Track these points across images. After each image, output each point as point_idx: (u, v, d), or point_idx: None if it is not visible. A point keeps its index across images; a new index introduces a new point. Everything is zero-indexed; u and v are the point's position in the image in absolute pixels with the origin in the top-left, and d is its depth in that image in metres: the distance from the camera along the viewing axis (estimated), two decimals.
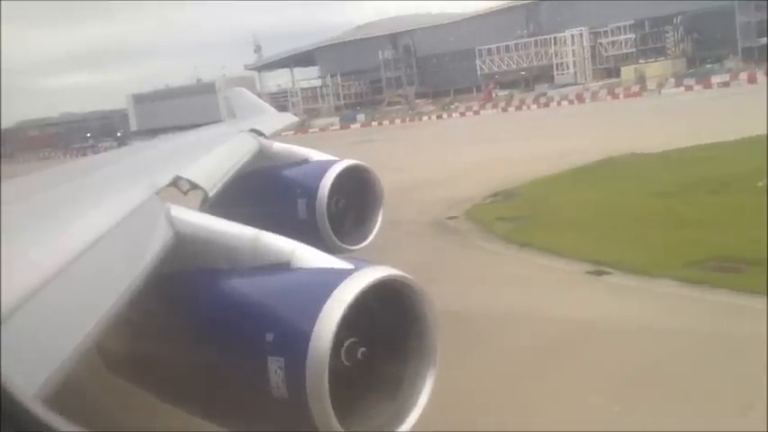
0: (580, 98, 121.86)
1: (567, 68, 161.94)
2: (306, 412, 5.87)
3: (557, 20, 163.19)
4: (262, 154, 13.59)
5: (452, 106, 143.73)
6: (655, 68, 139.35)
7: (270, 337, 6.09)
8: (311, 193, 13.05)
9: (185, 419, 7.40)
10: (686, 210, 25.14)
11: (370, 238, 13.90)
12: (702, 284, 17.38)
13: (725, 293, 16.69)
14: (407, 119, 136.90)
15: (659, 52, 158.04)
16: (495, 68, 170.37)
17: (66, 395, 4.05)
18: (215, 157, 11.54)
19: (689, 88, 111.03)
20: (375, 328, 6.57)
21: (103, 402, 9.60)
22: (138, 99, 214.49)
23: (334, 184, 13.10)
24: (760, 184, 27.22)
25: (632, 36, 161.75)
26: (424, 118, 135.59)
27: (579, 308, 17.13)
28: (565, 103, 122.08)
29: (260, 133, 14.59)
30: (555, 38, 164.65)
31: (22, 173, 11.98)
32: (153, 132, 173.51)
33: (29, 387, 3.39)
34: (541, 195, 32.10)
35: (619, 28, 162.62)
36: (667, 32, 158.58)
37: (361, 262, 6.64)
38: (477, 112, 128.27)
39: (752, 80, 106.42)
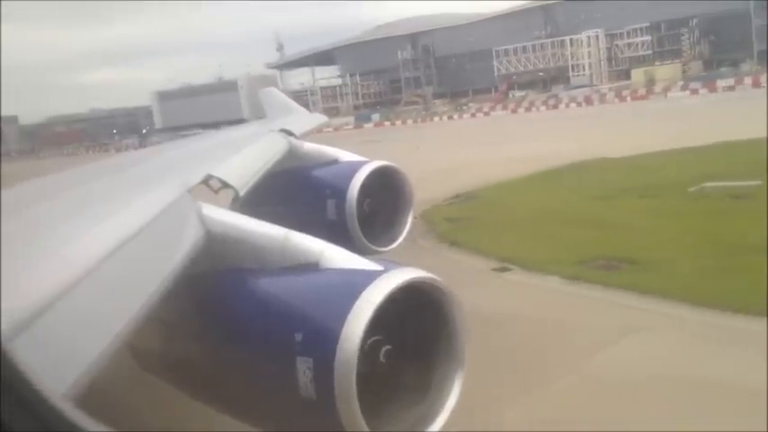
0: (588, 101, 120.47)
1: (583, 70, 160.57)
2: (333, 413, 5.77)
3: (575, 21, 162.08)
4: (292, 154, 13.48)
5: (465, 107, 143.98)
6: (664, 71, 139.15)
7: (299, 337, 6.00)
8: (341, 193, 12.88)
9: (213, 419, 7.64)
10: (609, 213, 26.82)
11: (400, 239, 13.75)
12: (581, 280, 18.94)
13: (598, 289, 18.27)
14: (420, 119, 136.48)
15: (675, 54, 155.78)
16: (513, 69, 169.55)
17: (97, 394, 3.97)
18: (246, 156, 11.44)
19: (694, 92, 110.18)
20: (403, 329, 6.42)
21: (135, 401, 9.60)
22: (163, 96, 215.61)
23: (364, 185, 12.92)
24: (691, 189, 28.75)
25: (648, 38, 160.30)
26: (436, 118, 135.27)
27: (468, 299, 18.39)
28: (573, 105, 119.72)
29: (290, 133, 14.46)
30: (571, 39, 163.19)
31: (45, 169, 12.00)
32: (177, 129, 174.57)
33: (59, 386, 3.29)
34: (498, 197, 33.81)
35: (635, 30, 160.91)
36: (683, 35, 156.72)
37: (391, 263, 6.51)
38: (487, 114, 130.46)
39: (756, 84, 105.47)
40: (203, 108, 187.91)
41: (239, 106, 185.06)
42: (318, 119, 22.35)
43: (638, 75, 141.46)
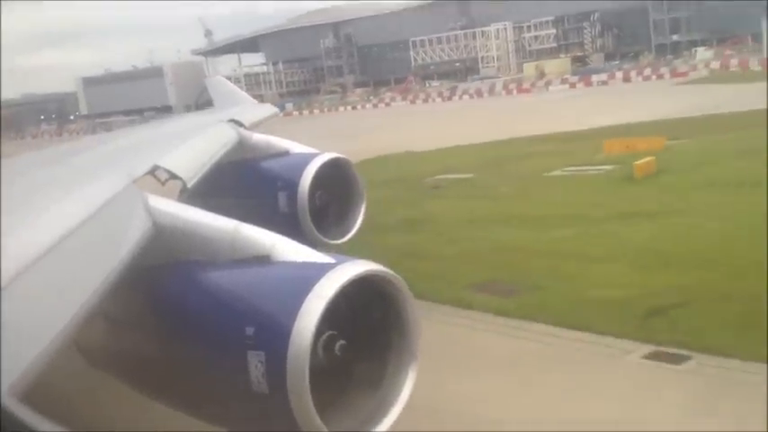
0: (479, 93, 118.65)
1: (492, 62, 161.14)
2: (286, 406, 5.47)
3: (489, 14, 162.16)
4: (241, 145, 12.85)
5: (371, 97, 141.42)
6: (553, 65, 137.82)
7: (250, 331, 5.68)
8: (292, 185, 12.38)
9: (164, 415, 7.18)
10: None
11: (353, 232, 13.24)
12: None
13: None
14: (326, 109, 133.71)
15: (578, 47, 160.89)
16: (429, 60, 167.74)
17: (43, 391, 3.71)
18: (194, 146, 10.88)
19: (573, 86, 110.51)
20: (356, 322, 6.11)
21: (82, 397, 9.11)
22: (88, 82, 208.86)
23: (316, 178, 12.44)
24: (425, 180, 32.32)
25: (553, 31, 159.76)
26: (341, 108, 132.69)
27: None
28: (466, 97, 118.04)
29: (239, 124, 13.86)
30: (481, 31, 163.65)
31: None
32: (102, 116, 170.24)
33: (1, 382, 3.05)
34: None
35: (541, 23, 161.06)
36: (585, 28, 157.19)
37: (343, 257, 6.22)
38: (388, 104, 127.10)
39: (626, 79, 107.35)
40: (129, 94, 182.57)
41: (165, 93, 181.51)
42: (268, 109, 21.25)
43: (529, 68, 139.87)
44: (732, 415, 10.58)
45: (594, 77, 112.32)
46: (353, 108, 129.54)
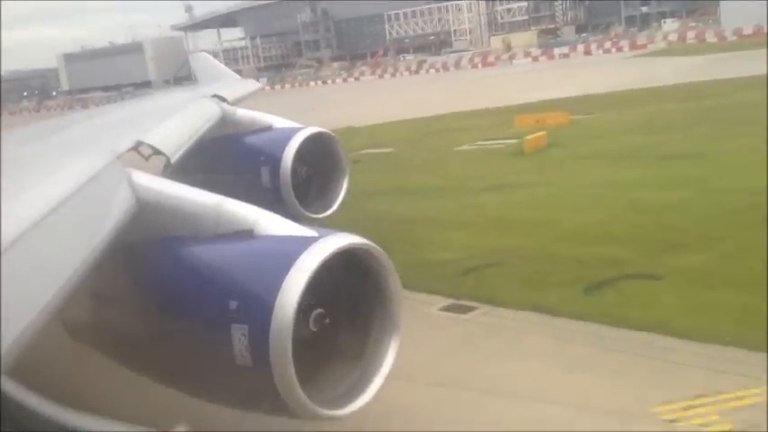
0: (445, 67, 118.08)
1: (465, 35, 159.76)
2: (269, 379, 5.44)
3: None
4: (225, 120, 12.54)
5: (342, 72, 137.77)
6: (520, 38, 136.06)
7: (234, 304, 5.63)
8: (275, 160, 12.16)
9: (148, 389, 7.10)
10: None
11: (335, 206, 13.10)
12: None
13: None
14: (297, 84, 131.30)
15: (550, 20, 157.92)
16: (403, 33, 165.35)
17: (29, 365, 3.58)
18: (177, 122, 10.60)
19: (536, 59, 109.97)
20: (338, 295, 6.11)
21: (67, 370, 8.95)
22: (69, 58, 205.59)
23: (299, 152, 12.23)
24: (351, 154, 33.81)
25: (525, 4, 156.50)
26: (312, 83, 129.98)
27: None
28: (432, 71, 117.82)
29: (222, 99, 13.58)
30: (454, 5, 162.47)
31: None
32: (83, 91, 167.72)
33: None
34: None
35: None
36: (556, 1, 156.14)
37: (325, 230, 6.17)
38: (357, 79, 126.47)
39: (587, 52, 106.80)
40: (110, 70, 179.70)
41: (145, 68, 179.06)
42: (251, 85, 20.97)
43: (496, 42, 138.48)
44: (484, 350, 12.18)
45: (556, 51, 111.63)
46: (324, 83, 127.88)
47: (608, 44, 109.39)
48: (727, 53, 69.24)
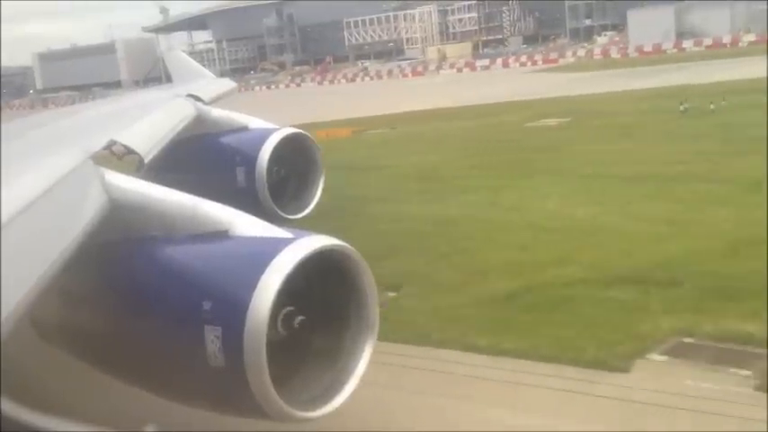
0: (379, 75, 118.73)
1: (416, 43, 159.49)
2: (243, 381, 5.27)
3: None
4: (200, 120, 11.97)
5: (288, 78, 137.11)
6: (453, 49, 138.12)
7: (207, 305, 5.42)
8: (251, 160, 11.65)
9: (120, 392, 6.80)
10: None
11: (311, 207, 12.58)
12: None
13: None
14: (242, 88, 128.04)
15: (498, 30, 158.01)
16: (361, 40, 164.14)
17: None
18: (151, 121, 10.05)
19: (459, 70, 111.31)
20: (314, 297, 5.87)
21: (35, 371, 8.56)
22: (44, 57, 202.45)
23: (274, 153, 11.73)
24: None
25: (475, 15, 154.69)
26: (256, 88, 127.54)
27: None
28: (367, 78, 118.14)
29: (198, 98, 12.99)
30: (404, 14, 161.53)
31: None
32: (55, 90, 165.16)
33: None
34: None
35: (464, 6, 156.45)
36: (504, 12, 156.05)
37: (301, 231, 5.92)
38: (298, 85, 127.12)
39: (506, 65, 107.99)
40: (82, 70, 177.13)
41: (117, 69, 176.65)
42: (227, 84, 20.19)
43: (432, 52, 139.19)
44: None
45: (478, 63, 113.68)
46: (268, 87, 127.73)
47: (523, 58, 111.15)
48: (607, 71, 73.21)
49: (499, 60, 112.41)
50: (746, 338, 10.55)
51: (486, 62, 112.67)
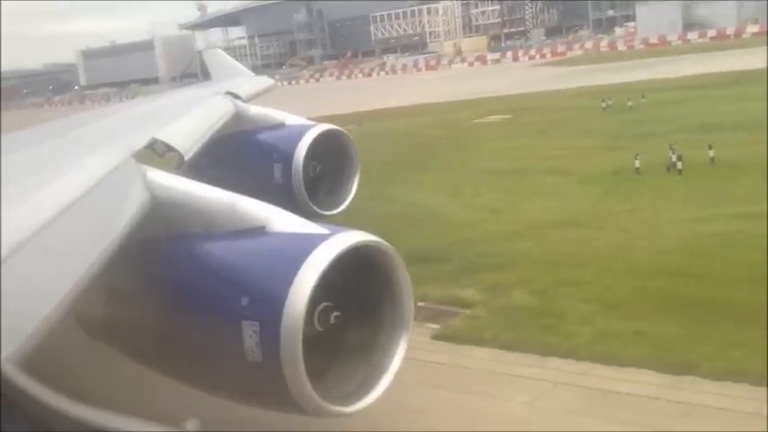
0: (394, 70, 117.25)
1: (438, 37, 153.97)
2: (279, 376, 5.27)
3: None
4: (238, 117, 11.94)
5: (310, 73, 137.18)
6: (469, 43, 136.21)
7: (245, 301, 5.44)
8: (287, 157, 11.60)
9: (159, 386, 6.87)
10: None
11: (346, 203, 12.52)
12: None
13: None
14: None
15: (520, 23, 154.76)
16: (387, 34, 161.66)
17: (43, 360, 3.37)
18: (191, 119, 10.03)
19: (470, 64, 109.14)
20: (349, 292, 5.83)
21: (80, 366, 8.66)
22: (87, 55, 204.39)
23: (311, 149, 11.64)
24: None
25: (498, 7, 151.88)
26: (278, 84, 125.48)
27: None
28: (383, 73, 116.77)
29: (236, 96, 12.94)
30: (429, 8, 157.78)
31: None
32: (95, 87, 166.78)
33: (2, 351, 2.85)
34: None
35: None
36: (527, 5, 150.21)
37: (337, 227, 5.89)
38: (317, 80, 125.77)
39: (515, 58, 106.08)
40: (123, 66, 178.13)
41: (155, 65, 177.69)
42: (265, 81, 20.03)
43: (448, 46, 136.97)
44: None
45: (489, 56, 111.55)
46: (289, 83, 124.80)
47: (533, 51, 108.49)
48: (597, 64, 71.77)
49: (509, 54, 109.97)
50: (461, 302, 12.94)
51: (497, 56, 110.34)
